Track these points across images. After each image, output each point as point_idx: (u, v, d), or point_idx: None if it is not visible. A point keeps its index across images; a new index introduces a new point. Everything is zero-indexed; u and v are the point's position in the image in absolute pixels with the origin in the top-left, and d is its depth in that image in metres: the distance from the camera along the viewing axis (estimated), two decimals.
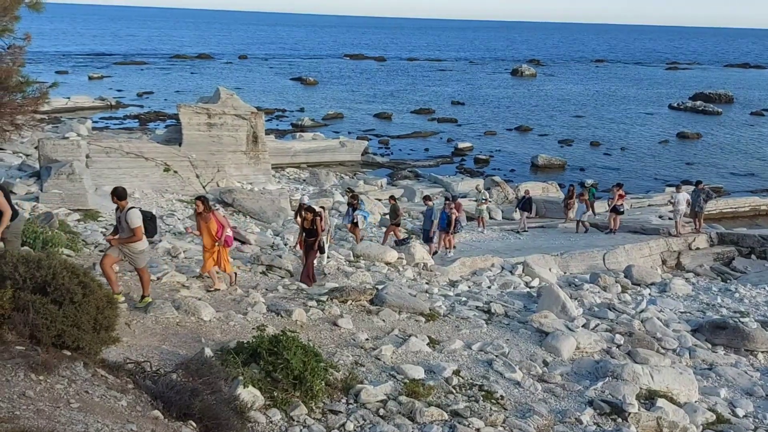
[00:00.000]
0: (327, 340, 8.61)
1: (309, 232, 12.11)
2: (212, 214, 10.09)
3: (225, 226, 10.14)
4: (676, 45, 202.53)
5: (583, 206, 21.17)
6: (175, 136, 24.38)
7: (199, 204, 10.05)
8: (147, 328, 7.99)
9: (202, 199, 10.16)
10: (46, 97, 9.26)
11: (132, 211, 8.50)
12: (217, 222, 10.05)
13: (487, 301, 12.21)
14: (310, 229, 12.09)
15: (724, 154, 41.44)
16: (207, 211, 10.02)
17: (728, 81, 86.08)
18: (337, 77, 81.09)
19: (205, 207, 10.01)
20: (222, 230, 10.04)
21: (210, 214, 10.03)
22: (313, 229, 12.08)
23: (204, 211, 10.01)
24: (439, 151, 40.03)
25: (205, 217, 10.03)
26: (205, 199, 10.18)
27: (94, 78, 69.32)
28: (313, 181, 28.59)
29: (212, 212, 10.12)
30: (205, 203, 10.07)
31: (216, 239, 10.00)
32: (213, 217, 10.05)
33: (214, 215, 10.11)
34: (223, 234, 10.02)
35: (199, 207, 10.01)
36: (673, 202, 20.09)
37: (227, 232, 10.13)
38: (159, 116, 47.04)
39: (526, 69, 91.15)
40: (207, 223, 10.01)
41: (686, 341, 11.04)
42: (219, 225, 10.04)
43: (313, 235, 12.08)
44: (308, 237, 12.09)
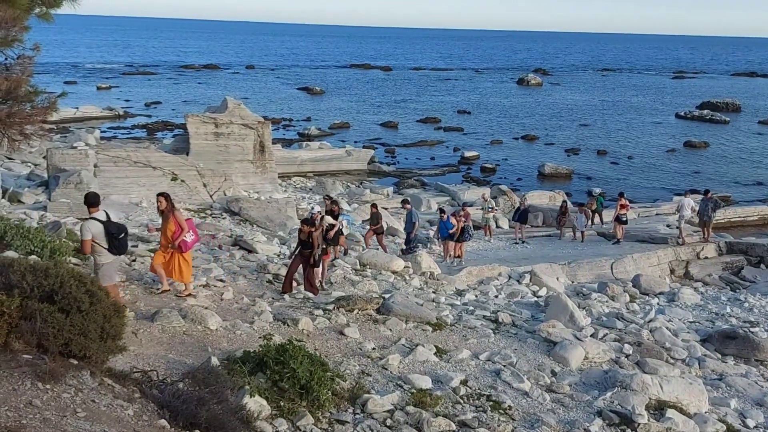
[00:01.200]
0: (334, 350, 8.58)
1: (305, 245, 11.64)
2: (173, 214, 9.35)
3: (184, 229, 9.33)
4: (683, 54, 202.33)
5: (582, 216, 20.91)
6: (183, 145, 24.49)
7: (161, 200, 9.37)
8: (154, 337, 7.98)
9: (164, 196, 9.47)
10: (54, 106, 9.29)
11: (86, 223, 7.98)
12: (176, 223, 9.28)
13: (495, 311, 12.15)
14: (306, 242, 11.62)
15: (731, 163, 41.27)
16: (168, 210, 9.33)
17: (735, 90, 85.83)
18: (344, 87, 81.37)
19: (167, 205, 9.33)
20: (180, 233, 9.24)
21: (170, 214, 9.32)
22: (309, 241, 11.61)
23: (165, 209, 9.33)
24: (446, 159, 40.04)
25: (165, 216, 9.40)
26: (167, 196, 9.47)
27: (103, 88, 69.82)
28: (320, 189, 28.62)
29: (173, 212, 9.38)
30: (167, 200, 9.38)
31: (171, 241, 9.27)
32: (173, 217, 9.31)
33: (175, 216, 9.35)
34: (179, 237, 9.21)
35: (162, 204, 9.34)
36: (677, 207, 20.13)
37: (186, 236, 9.31)
38: (167, 126, 47.30)
39: (533, 78, 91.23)
40: (166, 223, 9.33)
41: (696, 351, 10.95)
42: (177, 227, 9.28)
43: (309, 247, 11.60)
44: (304, 249, 11.63)
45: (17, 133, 8.96)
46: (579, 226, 21.04)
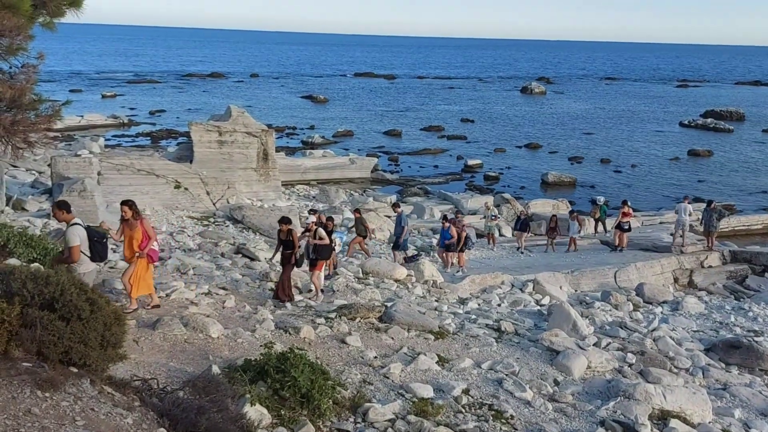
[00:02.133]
0: (335, 358, 8.56)
1: (285, 245, 11.43)
2: (140, 222, 8.97)
3: (152, 237, 9.06)
4: (686, 63, 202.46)
5: (575, 224, 20.67)
6: (187, 153, 24.58)
7: (126, 210, 8.92)
8: (155, 344, 7.97)
9: (129, 204, 9.01)
10: (58, 115, 9.33)
11: (73, 228, 7.76)
12: (144, 232, 8.93)
13: (497, 319, 12.11)
14: (287, 241, 11.39)
15: (735, 171, 41.19)
16: (135, 218, 8.92)
17: (739, 98, 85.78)
18: (348, 95, 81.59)
19: (133, 213, 8.92)
20: (147, 242, 8.94)
21: (138, 222, 8.93)
22: (289, 241, 11.36)
23: (132, 217, 8.90)
24: (449, 168, 40.07)
25: (131, 225, 8.92)
26: (131, 204, 9.05)
27: (107, 96, 70.15)
28: (323, 197, 28.65)
29: (141, 220, 9.01)
30: (133, 208, 8.96)
31: (138, 250, 8.88)
32: (140, 225, 8.93)
33: (143, 224, 8.99)
34: (147, 246, 8.90)
35: (127, 213, 8.89)
36: (675, 211, 20.18)
37: (153, 245, 9.06)
38: (171, 134, 47.45)
39: (536, 87, 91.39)
40: (132, 231, 8.89)
41: (699, 360, 10.88)
42: (145, 235, 8.93)
43: (289, 247, 11.37)
44: (285, 249, 11.44)
45: (21, 141, 9.00)
46: (571, 233, 20.70)
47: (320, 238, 12.07)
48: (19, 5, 7.20)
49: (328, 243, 12.27)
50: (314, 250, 12.01)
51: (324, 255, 12.25)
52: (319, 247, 12.04)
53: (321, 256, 12.13)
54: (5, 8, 7.14)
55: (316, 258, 12.06)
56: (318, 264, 12.13)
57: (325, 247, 12.18)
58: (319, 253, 12.07)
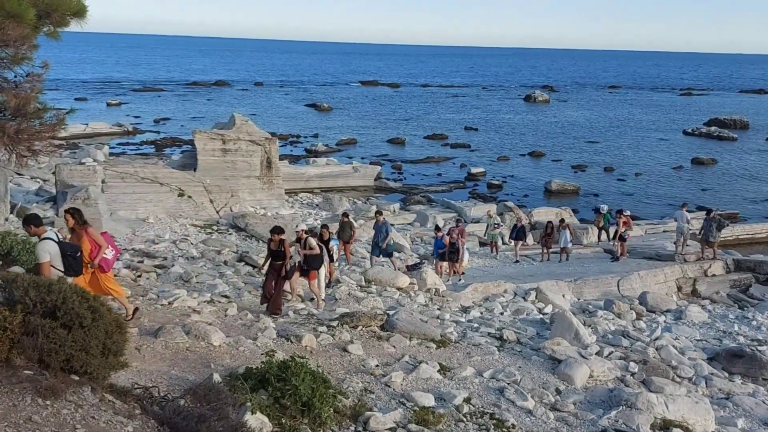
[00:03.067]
0: (336, 366, 8.55)
1: (276, 255, 11.12)
2: (85, 231, 8.30)
3: (102, 245, 8.33)
4: (690, 71, 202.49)
5: (566, 233, 20.25)
6: (190, 161, 24.67)
7: (68, 218, 8.31)
8: (156, 352, 7.99)
9: (71, 213, 8.37)
10: (63, 123, 9.38)
11: (43, 243, 7.39)
12: (90, 241, 8.26)
13: (500, 328, 12.09)
14: (277, 252, 11.09)
15: (739, 179, 41.12)
16: (79, 227, 8.27)
17: (743, 107, 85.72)
18: (352, 103, 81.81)
19: (75, 221, 8.27)
20: (97, 251, 8.26)
21: (82, 231, 8.27)
22: (280, 251, 11.08)
23: (76, 226, 8.26)
24: (452, 176, 40.11)
25: (78, 235, 8.27)
26: (75, 212, 8.39)
27: (112, 105, 70.51)
28: (326, 206, 28.69)
29: (86, 229, 8.33)
30: (75, 216, 8.30)
31: (89, 260, 8.25)
32: (86, 235, 8.27)
33: (87, 233, 8.30)
34: (98, 255, 8.22)
35: (69, 222, 8.27)
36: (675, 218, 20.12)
37: (105, 253, 8.35)
38: (175, 142, 47.63)
39: (540, 95, 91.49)
40: (79, 241, 8.22)
41: (702, 370, 10.84)
42: (93, 245, 8.28)
43: (280, 258, 11.08)
44: (275, 260, 11.14)
45: (26, 150, 9.05)
46: (562, 243, 20.25)
47: (310, 248, 11.89)
48: (24, 15, 7.26)
49: (318, 253, 12.03)
50: (305, 259, 11.84)
51: (315, 264, 12.02)
52: (309, 257, 11.85)
53: (312, 265, 11.94)
54: (9, 18, 7.21)
55: (308, 268, 11.89)
56: (311, 273, 11.98)
57: (315, 257, 11.97)
58: (310, 263, 11.89)
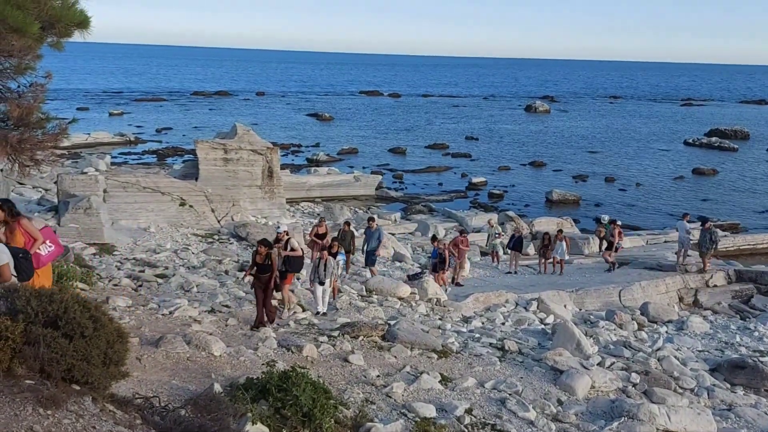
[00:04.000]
0: (337, 377, 8.54)
1: (262, 268, 10.58)
2: (18, 223, 7.53)
3: (38, 239, 7.55)
4: (689, 81, 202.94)
5: (562, 245, 19.62)
6: (192, 171, 24.71)
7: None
8: (158, 362, 7.98)
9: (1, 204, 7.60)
10: (65, 133, 9.40)
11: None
12: (24, 233, 7.51)
13: (501, 338, 12.07)
14: (263, 265, 10.55)
15: (741, 190, 41.10)
16: (12, 220, 7.50)
17: (744, 117, 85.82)
18: (353, 113, 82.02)
19: (6, 213, 7.50)
20: (31, 244, 7.45)
21: (15, 224, 7.50)
22: (267, 264, 10.53)
23: (8, 219, 7.48)
24: (453, 185, 40.12)
25: (11, 228, 7.48)
26: (5, 203, 7.66)
27: (115, 114, 70.70)
28: (328, 215, 28.70)
29: (19, 221, 7.56)
30: (5, 209, 7.53)
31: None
32: (18, 227, 7.51)
33: (21, 225, 7.54)
34: (32, 249, 7.39)
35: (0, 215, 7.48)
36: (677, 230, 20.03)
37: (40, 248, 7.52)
38: (177, 152, 47.73)
39: (540, 105, 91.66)
40: (13, 236, 7.44)
41: (704, 381, 10.80)
42: (28, 237, 7.51)
43: (267, 270, 10.54)
44: (261, 273, 10.57)
45: (28, 159, 9.07)
46: (559, 255, 19.72)
47: (292, 249, 11.50)
48: (27, 29, 7.30)
49: (300, 255, 11.68)
50: (285, 261, 11.43)
51: (295, 267, 11.60)
52: (291, 259, 11.44)
53: (291, 268, 11.54)
54: (13, 31, 7.25)
55: (287, 270, 11.49)
56: (288, 277, 11.60)
57: (296, 260, 11.57)
58: (290, 265, 11.48)
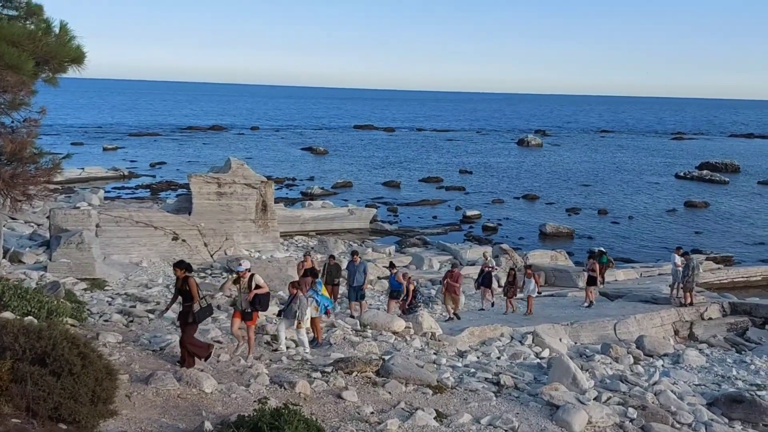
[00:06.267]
0: (331, 414, 8.40)
1: (183, 296, 9.41)
2: None
3: None
4: (676, 115, 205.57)
5: (531, 281, 18.64)
6: (186, 205, 24.70)
7: None
8: (147, 400, 7.84)
9: None
10: (58, 167, 9.42)
11: None
12: None
13: (497, 373, 11.94)
14: (183, 291, 9.36)
15: (732, 222, 41.31)
16: None
17: (734, 150, 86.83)
18: (347, 147, 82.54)
19: None
20: None
21: None
22: (185, 291, 9.33)
23: None
24: (448, 218, 40.19)
25: None
26: None
27: (109, 149, 70.86)
28: (322, 248, 28.62)
29: None
30: None
31: None
32: None
33: None
34: None
35: None
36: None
37: None
38: (170, 186, 47.77)
39: (533, 139, 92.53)
40: None
41: (702, 415, 10.67)
42: None
43: (187, 299, 9.32)
44: (184, 302, 9.43)
45: (20, 194, 9.05)
46: (527, 292, 18.67)
47: (257, 286, 10.42)
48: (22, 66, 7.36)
49: (267, 291, 10.65)
50: (253, 300, 10.39)
51: (262, 306, 10.55)
52: (257, 298, 10.41)
53: (261, 306, 10.52)
54: (8, 68, 7.31)
55: (253, 309, 10.43)
56: (254, 316, 10.54)
57: (264, 297, 10.51)
58: (256, 305, 10.43)
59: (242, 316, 10.50)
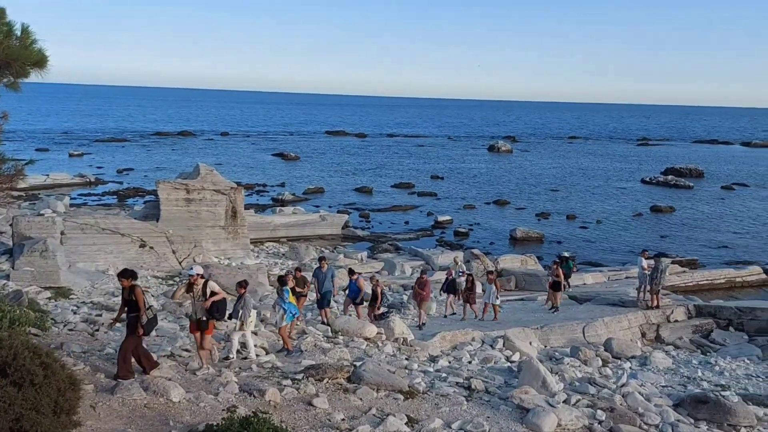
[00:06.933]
0: (301, 422, 8.33)
1: (128, 306, 9.07)
2: None
3: None
4: (641, 122, 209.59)
5: (492, 287, 18.30)
6: (153, 211, 24.34)
7: None
8: (113, 410, 7.68)
9: None
10: (21, 174, 9.21)
11: None
12: None
13: (468, 377, 11.98)
14: (129, 301, 9.04)
15: (697, 227, 42.22)
16: None
17: (698, 156, 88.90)
18: (319, 153, 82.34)
19: None
20: None
21: None
22: (132, 301, 9.01)
23: None
24: (420, 224, 40.34)
25: None
26: None
27: (75, 155, 69.55)
28: (293, 255, 28.46)
29: None
30: None
31: None
32: None
33: None
34: None
35: None
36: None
37: None
38: (138, 192, 47.07)
39: (503, 145, 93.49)
40: None
41: (668, 416, 10.84)
42: None
43: (133, 309, 9.01)
44: (129, 312, 9.09)
45: None
46: (486, 299, 18.32)
47: (213, 293, 9.86)
48: None
49: (224, 297, 10.10)
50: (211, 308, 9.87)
51: (221, 313, 9.96)
52: (213, 306, 9.86)
53: (218, 314, 9.94)
54: None
55: (209, 318, 9.91)
56: (210, 325, 10.00)
57: (221, 304, 9.95)
58: (214, 312, 9.88)
59: (197, 325, 9.96)
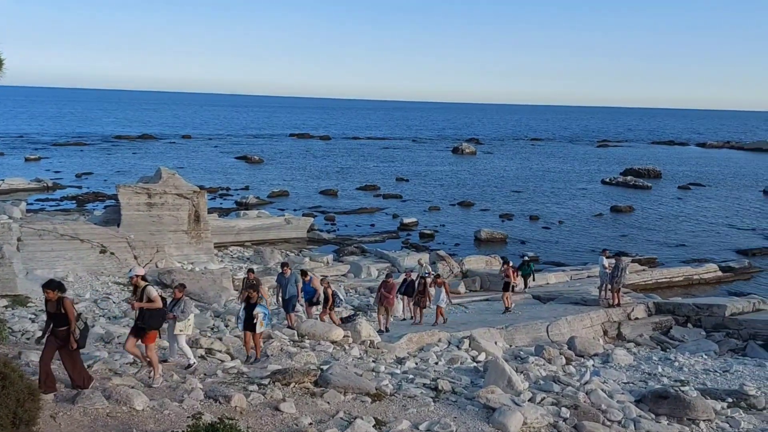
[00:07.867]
0: (268, 427, 8.27)
1: (57, 319, 8.34)
2: None
3: None
4: (599, 124, 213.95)
5: (441, 290, 18.19)
6: (114, 216, 23.88)
7: None
8: (74, 420, 7.50)
9: None
10: None
11: None
12: None
13: (435, 378, 12.05)
14: (57, 314, 8.31)
15: (655, 226, 43.23)
16: None
17: (656, 157, 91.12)
18: (283, 156, 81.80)
19: None
20: None
21: None
22: (60, 314, 8.30)
23: None
24: (385, 226, 40.39)
25: None
26: None
27: (31, 160, 67.69)
28: (258, 259, 28.21)
29: None
30: None
31: None
32: None
33: None
34: None
35: None
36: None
37: None
38: (98, 197, 46.05)
39: (467, 147, 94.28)
40: None
41: (630, 412, 11.09)
42: None
43: (62, 323, 8.32)
44: (57, 326, 8.37)
45: None
46: (436, 302, 18.19)
47: (149, 299, 9.29)
48: None
49: (160, 306, 9.45)
50: (140, 315, 9.33)
51: (154, 323, 9.34)
52: (146, 313, 9.27)
53: (150, 324, 9.32)
54: None
55: (145, 327, 9.31)
56: (149, 335, 9.33)
57: (155, 313, 9.34)
58: (147, 320, 9.29)
59: (136, 332, 9.41)
